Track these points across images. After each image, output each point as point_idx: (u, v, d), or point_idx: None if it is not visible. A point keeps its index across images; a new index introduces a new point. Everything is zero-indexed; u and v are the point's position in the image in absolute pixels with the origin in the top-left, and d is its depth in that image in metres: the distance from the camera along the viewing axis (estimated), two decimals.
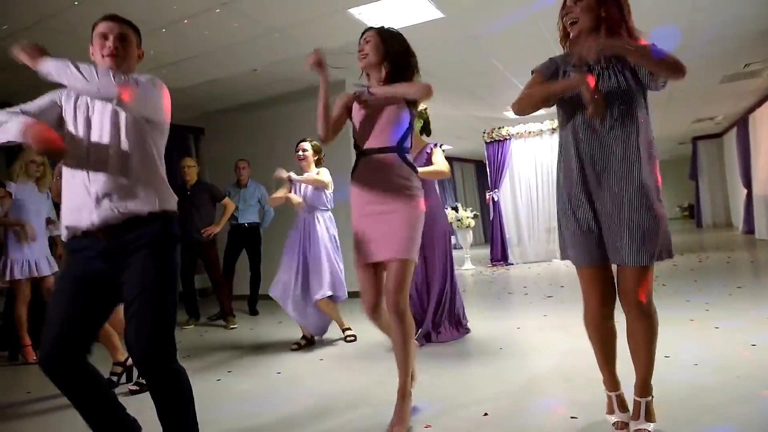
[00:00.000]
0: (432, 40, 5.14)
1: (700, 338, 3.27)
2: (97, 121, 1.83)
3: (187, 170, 5.41)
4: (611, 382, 2.06)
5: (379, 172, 2.34)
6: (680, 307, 4.17)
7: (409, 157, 2.40)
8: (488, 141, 9.28)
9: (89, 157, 1.80)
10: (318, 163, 4.11)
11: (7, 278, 4.27)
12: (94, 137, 1.82)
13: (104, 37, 1.86)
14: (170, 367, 1.77)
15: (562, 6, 2.02)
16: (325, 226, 4.01)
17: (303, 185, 4.02)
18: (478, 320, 4.29)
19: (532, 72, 2.12)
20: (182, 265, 1.97)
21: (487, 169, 9.35)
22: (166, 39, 4.50)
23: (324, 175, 3.97)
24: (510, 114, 8.93)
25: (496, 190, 9.12)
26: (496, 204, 9.13)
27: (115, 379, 3.34)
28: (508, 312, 4.87)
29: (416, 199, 2.34)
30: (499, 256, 9.09)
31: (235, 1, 3.97)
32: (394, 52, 2.40)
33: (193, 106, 6.91)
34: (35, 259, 4.29)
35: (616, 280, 1.96)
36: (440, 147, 3.88)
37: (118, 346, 3.33)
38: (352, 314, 4.41)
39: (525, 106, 2.02)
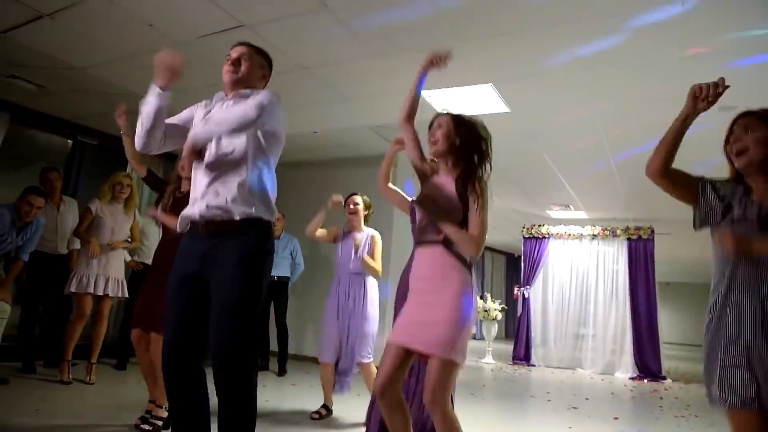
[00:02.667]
0: (492, 131, 5.24)
1: None
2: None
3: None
4: None
5: (431, 263, 2.23)
6: None
7: (461, 251, 2.25)
8: (526, 236, 9.25)
9: (210, 153, 2.00)
10: (366, 220, 4.04)
11: (66, 290, 4.36)
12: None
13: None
14: (243, 390, 1.83)
15: (729, 130, 1.91)
16: (372, 288, 3.90)
17: (350, 244, 3.92)
18: (499, 421, 4.12)
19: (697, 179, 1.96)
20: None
21: (522, 265, 9.27)
22: None
23: (378, 250, 3.90)
24: (552, 213, 8.96)
25: (528, 287, 8.99)
26: (525, 301, 8.97)
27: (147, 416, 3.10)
28: (530, 417, 4.65)
29: (467, 295, 2.18)
30: (522, 355, 8.82)
31: (316, 67, 4.17)
32: (465, 142, 2.32)
33: None
34: (96, 276, 4.35)
35: None
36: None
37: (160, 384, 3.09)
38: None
39: (656, 162, 1.92)
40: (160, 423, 3.02)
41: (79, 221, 4.58)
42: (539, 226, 9.19)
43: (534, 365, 8.66)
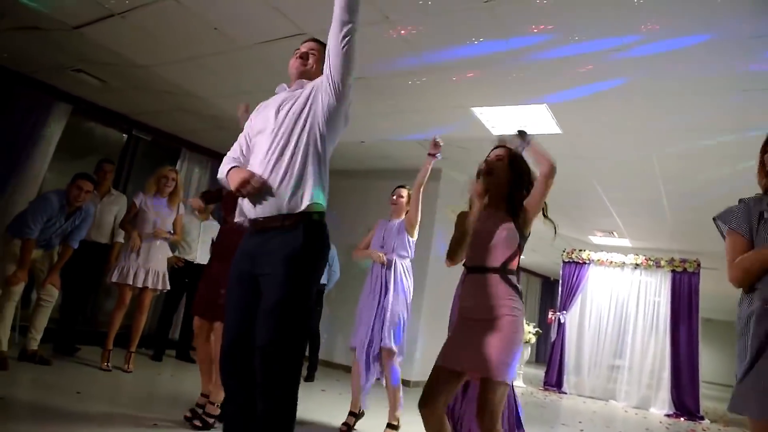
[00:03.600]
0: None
1: None
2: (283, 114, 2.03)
3: None
4: None
5: (483, 290, 2.31)
6: None
7: (513, 278, 2.34)
8: (566, 260, 9.08)
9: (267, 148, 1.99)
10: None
11: (107, 280, 4.50)
12: (277, 131, 2.00)
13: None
14: (284, 388, 1.84)
15: (760, 164, 1.91)
16: (404, 274, 3.82)
17: (388, 236, 3.89)
18: None
19: (723, 226, 1.94)
20: None
21: (559, 289, 9.09)
22: None
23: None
24: (595, 239, 8.78)
25: (564, 312, 8.81)
26: (561, 326, 8.79)
27: (199, 411, 3.09)
28: None
29: (517, 322, 2.26)
30: (554, 381, 8.62)
31: (374, 78, 4.20)
32: (519, 178, 2.43)
33: None
34: (137, 268, 4.47)
35: None
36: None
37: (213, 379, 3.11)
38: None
39: (744, 281, 1.85)
40: (212, 420, 3.01)
41: (126, 213, 4.71)
42: (580, 250, 9.01)
43: (565, 393, 8.45)
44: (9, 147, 5.24)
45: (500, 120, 4.53)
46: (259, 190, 1.87)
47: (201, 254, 5.53)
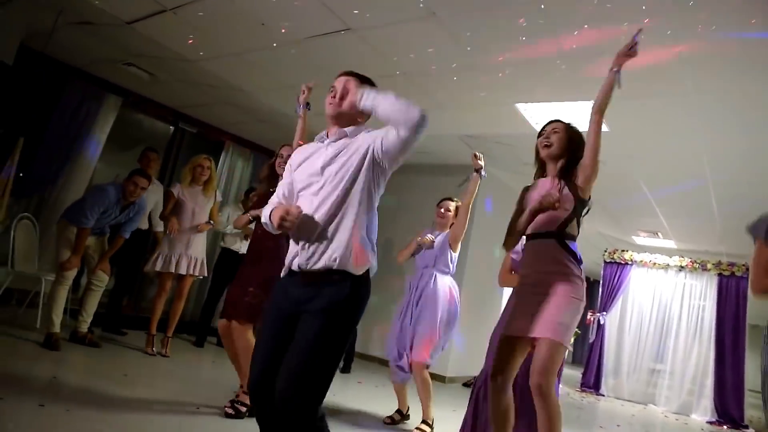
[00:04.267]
0: None
1: None
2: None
3: None
4: None
5: (540, 255, 2.39)
6: None
7: (571, 244, 2.38)
8: (608, 261, 8.88)
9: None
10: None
11: (147, 268, 4.65)
12: (326, 190, 1.90)
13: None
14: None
15: None
16: (443, 289, 3.75)
17: (434, 242, 3.84)
18: None
19: (754, 236, 1.86)
20: None
21: (600, 290, 8.92)
22: None
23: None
24: (638, 239, 8.57)
25: (604, 313, 8.63)
26: (600, 327, 8.62)
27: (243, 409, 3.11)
28: None
29: (575, 285, 2.31)
30: (591, 383, 8.47)
31: (417, 74, 4.20)
32: (575, 150, 2.50)
33: None
34: (179, 256, 4.60)
35: None
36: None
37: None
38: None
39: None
40: (244, 409, 3.06)
41: (164, 204, 4.83)
42: (622, 251, 8.80)
43: (603, 395, 8.29)
44: (62, 137, 5.45)
45: (545, 116, 4.45)
46: (296, 223, 1.83)
47: (245, 245, 5.63)
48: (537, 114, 4.47)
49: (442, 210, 3.93)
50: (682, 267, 8.30)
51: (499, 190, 6.63)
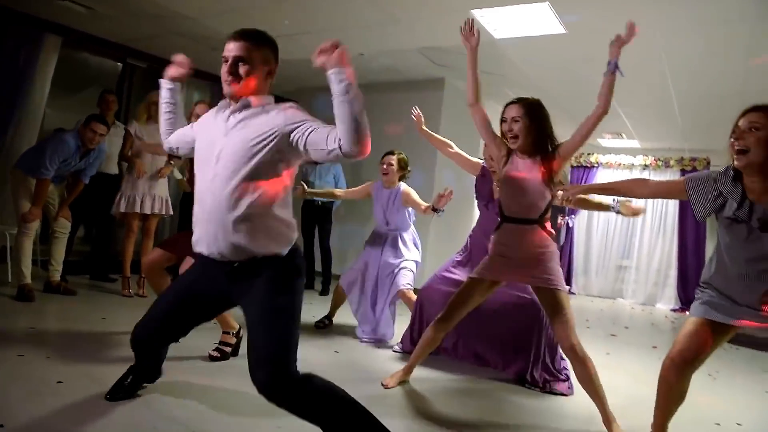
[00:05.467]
0: (548, 55, 5.05)
1: None
2: None
3: None
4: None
5: (519, 238, 2.54)
6: (756, 377, 3.95)
7: (549, 226, 2.59)
8: (574, 165, 9.04)
9: None
10: (402, 178, 4.03)
11: (113, 210, 4.59)
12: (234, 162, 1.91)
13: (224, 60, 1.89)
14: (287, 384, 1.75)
15: (735, 123, 1.89)
16: (413, 238, 4.05)
17: (387, 202, 3.97)
18: None
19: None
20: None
21: None
22: (287, 10, 4.61)
23: (415, 199, 3.85)
24: (604, 141, 8.68)
25: (573, 216, 8.88)
26: (569, 230, 8.89)
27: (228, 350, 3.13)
28: None
29: (554, 257, 2.58)
30: None
31: None
32: (540, 128, 2.54)
33: (293, 79, 7.08)
34: (142, 196, 4.54)
35: None
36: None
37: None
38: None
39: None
40: (228, 349, 3.09)
41: (123, 144, 4.72)
42: (588, 154, 8.94)
43: (574, 293, 8.70)
44: (5, 85, 5.17)
45: (501, 22, 4.37)
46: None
47: None
48: (494, 20, 4.36)
49: (385, 165, 3.99)
50: (646, 165, 8.50)
51: (462, 100, 6.54)
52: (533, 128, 2.52)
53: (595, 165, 8.85)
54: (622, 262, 8.72)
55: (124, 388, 2.27)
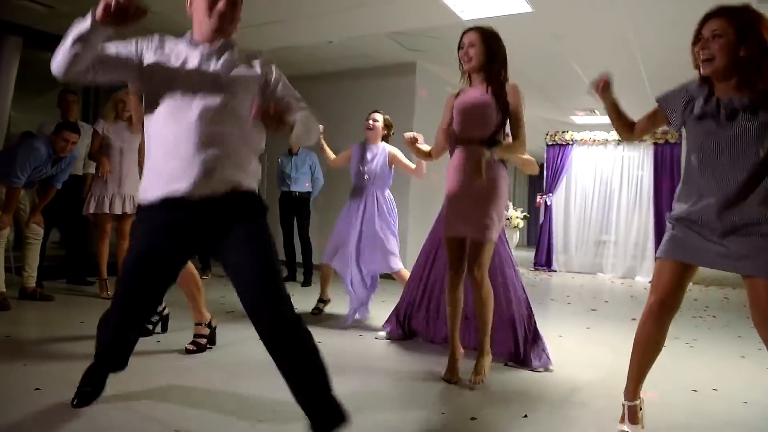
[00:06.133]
0: (516, 33, 5.02)
1: (752, 377, 3.16)
2: None
3: None
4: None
5: (471, 160, 2.66)
6: (731, 343, 4.04)
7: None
8: (550, 143, 9.11)
9: None
10: (385, 139, 4.08)
11: (84, 212, 4.51)
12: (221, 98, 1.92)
13: None
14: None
15: (696, 34, 1.95)
16: (389, 202, 4.07)
17: (372, 160, 3.99)
18: None
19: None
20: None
21: (545, 172, 9.19)
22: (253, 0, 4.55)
23: (402, 160, 3.99)
24: (577, 119, 8.75)
25: (550, 194, 8.97)
26: (548, 208, 8.99)
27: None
28: (549, 319, 4.77)
29: (502, 186, 2.71)
30: (543, 261, 8.97)
31: None
32: (496, 55, 2.65)
33: None
34: (112, 196, 4.46)
35: None
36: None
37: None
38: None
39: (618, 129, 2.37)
40: (203, 341, 3.08)
41: (90, 144, 4.61)
42: (563, 132, 9.01)
43: (555, 271, 8.82)
44: None
45: (469, 3, 4.36)
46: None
47: None
48: (461, 1, 4.35)
49: (370, 122, 4.02)
50: (619, 141, 8.57)
51: (435, 84, 6.56)
52: (487, 56, 2.64)
53: (570, 143, 8.92)
54: (601, 237, 8.83)
55: (87, 394, 2.21)
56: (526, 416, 2.35)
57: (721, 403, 2.67)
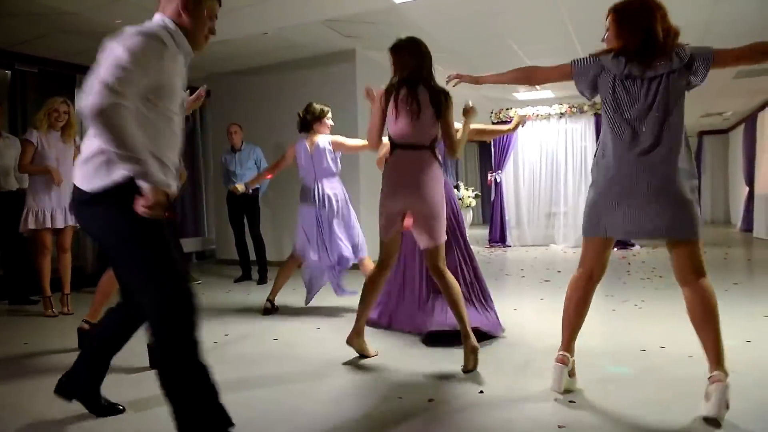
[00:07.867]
0: (451, 13, 5.07)
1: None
2: None
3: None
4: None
5: (412, 165, 2.69)
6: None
7: (438, 153, 2.78)
8: (495, 122, 9.20)
9: None
10: (315, 123, 4.10)
11: (22, 228, 4.27)
12: None
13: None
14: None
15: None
16: (342, 191, 4.11)
17: (316, 154, 4.00)
18: None
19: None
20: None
21: (492, 150, 9.31)
22: None
23: (345, 141, 4.08)
24: (519, 95, 8.88)
25: (499, 172, 9.10)
26: (498, 186, 9.12)
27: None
28: (505, 293, 4.86)
29: (441, 190, 2.74)
30: (498, 237, 9.12)
31: None
32: (421, 66, 2.72)
33: (201, 66, 6.82)
34: (52, 209, 4.26)
35: None
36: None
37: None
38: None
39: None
40: (87, 326, 3.18)
41: (21, 155, 4.31)
42: (507, 110, 9.12)
43: (509, 246, 8.99)
44: None
45: None
46: None
47: None
48: None
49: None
50: (562, 114, 8.77)
51: (374, 70, 6.52)
52: (416, 68, 2.71)
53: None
54: (552, 209, 9.04)
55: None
56: (482, 392, 2.38)
57: (668, 358, 2.77)
